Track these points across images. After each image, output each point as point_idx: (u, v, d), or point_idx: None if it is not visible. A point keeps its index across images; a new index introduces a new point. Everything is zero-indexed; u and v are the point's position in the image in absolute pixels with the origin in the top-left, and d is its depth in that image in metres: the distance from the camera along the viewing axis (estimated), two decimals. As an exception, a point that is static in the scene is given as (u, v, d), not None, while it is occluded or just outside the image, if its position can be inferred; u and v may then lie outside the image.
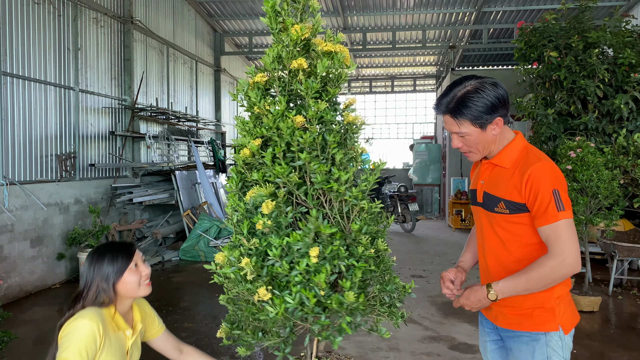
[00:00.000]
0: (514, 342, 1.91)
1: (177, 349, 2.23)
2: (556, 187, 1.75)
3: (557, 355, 1.83)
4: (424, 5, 11.53)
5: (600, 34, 6.66)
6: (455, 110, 1.83)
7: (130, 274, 1.93)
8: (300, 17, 1.96)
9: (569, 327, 1.87)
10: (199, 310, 5.49)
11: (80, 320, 1.80)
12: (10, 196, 5.76)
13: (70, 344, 1.76)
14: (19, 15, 6.05)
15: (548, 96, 7.28)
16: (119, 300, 1.95)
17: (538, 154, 1.87)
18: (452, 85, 1.88)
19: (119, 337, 1.93)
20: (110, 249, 1.97)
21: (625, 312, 5.50)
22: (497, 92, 1.82)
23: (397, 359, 4.12)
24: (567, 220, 1.74)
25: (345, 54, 1.88)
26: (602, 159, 5.57)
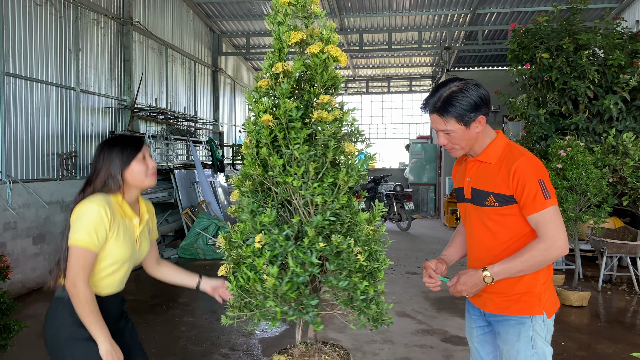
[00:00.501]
0: (501, 326, 2.04)
1: (156, 259, 2.36)
2: (541, 178, 1.90)
3: (540, 338, 1.97)
4: (419, 7, 11.68)
5: (591, 36, 6.81)
6: (441, 109, 1.97)
7: (137, 163, 2.04)
8: (304, 23, 2.07)
9: (551, 312, 2.02)
10: (198, 305, 5.62)
11: (89, 204, 1.91)
12: (13, 194, 5.88)
13: (81, 226, 1.88)
14: (21, 17, 6.17)
15: (540, 97, 7.43)
16: (126, 189, 2.06)
17: (521, 149, 2.01)
18: (438, 86, 2.03)
19: (127, 224, 2.04)
20: (121, 140, 2.08)
21: (613, 307, 5.65)
22: (479, 92, 1.96)
23: (390, 350, 4.27)
24: (554, 207, 1.91)
25: (333, 52, 1.95)
26: (591, 157, 5.73)
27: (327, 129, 1.88)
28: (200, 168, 9.64)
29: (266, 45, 14.43)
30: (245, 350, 4.31)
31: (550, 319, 2.01)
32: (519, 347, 1.97)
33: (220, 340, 4.52)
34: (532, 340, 1.96)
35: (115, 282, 2.07)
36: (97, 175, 2.02)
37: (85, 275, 1.91)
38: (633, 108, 6.83)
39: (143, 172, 2.06)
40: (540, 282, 1.99)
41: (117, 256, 1.99)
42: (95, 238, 1.90)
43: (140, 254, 2.15)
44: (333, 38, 1.98)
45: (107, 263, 1.99)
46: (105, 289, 2.04)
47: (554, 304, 2.05)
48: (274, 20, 2.02)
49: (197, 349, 4.33)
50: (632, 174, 6.03)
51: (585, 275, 6.95)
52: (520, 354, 1.96)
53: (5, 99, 5.88)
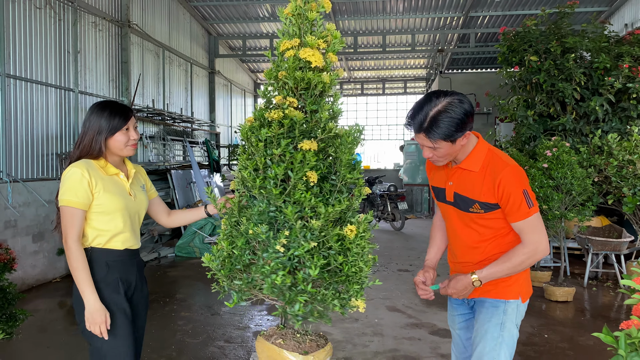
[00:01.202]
0: (479, 307, 2.22)
1: (166, 212, 2.56)
2: (525, 188, 2.04)
3: (510, 321, 2.13)
4: (413, 10, 11.87)
5: (577, 40, 7.01)
6: (428, 130, 2.02)
7: (121, 134, 2.22)
8: (310, 30, 2.26)
9: (526, 297, 2.19)
10: (195, 301, 5.77)
11: (71, 168, 2.14)
12: (14, 193, 6.01)
13: (65, 188, 2.13)
14: (21, 19, 6.31)
15: (529, 98, 7.62)
16: (108, 154, 2.24)
17: (503, 158, 2.12)
18: (423, 103, 2.06)
19: (114, 180, 2.24)
20: (111, 107, 2.25)
21: (598, 302, 5.83)
22: (463, 108, 2.01)
23: (380, 342, 4.43)
24: (537, 215, 2.06)
25: (302, 55, 2.11)
26: (576, 157, 5.91)
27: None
28: (196, 168, 9.79)
29: (262, 47, 14.60)
30: (240, 342, 4.47)
31: (524, 303, 2.18)
32: (488, 327, 2.13)
33: (216, 334, 4.67)
34: (501, 324, 2.12)
35: (124, 235, 2.24)
36: (84, 138, 2.21)
37: (74, 233, 2.10)
38: (618, 109, 7.02)
39: (123, 143, 2.24)
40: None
41: (109, 205, 2.18)
42: (75, 196, 2.11)
43: (138, 205, 2.33)
44: (316, 41, 2.16)
45: (104, 213, 2.18)
46: (118, 242, 2.22)
47: (529, 290, 2.22)
48: (280, 31, 2.24)
49: (194, 341, 4.48)
50: (616, 174, 6.22)
51: (572, 273, 7.13)
52: (487, 333, 2.12)
53: (7, 100, 6.02)
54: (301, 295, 2.12)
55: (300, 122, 2.15)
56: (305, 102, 2.20)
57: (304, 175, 2.11)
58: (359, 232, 2.12)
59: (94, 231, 2.20)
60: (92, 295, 2.11)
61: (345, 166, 2.21)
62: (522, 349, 4.29)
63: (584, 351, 4.26)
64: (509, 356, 2.12)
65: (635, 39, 7.17)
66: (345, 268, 2.11)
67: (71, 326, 4.93)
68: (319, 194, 2.16)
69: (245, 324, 4.99)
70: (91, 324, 2.11)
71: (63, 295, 6.02)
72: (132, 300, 2.31)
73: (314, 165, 2.09)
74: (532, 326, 4.86)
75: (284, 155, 2.12)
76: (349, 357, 4.11)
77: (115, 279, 2.22)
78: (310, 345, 2.40)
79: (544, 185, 5.71)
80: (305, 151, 2.12)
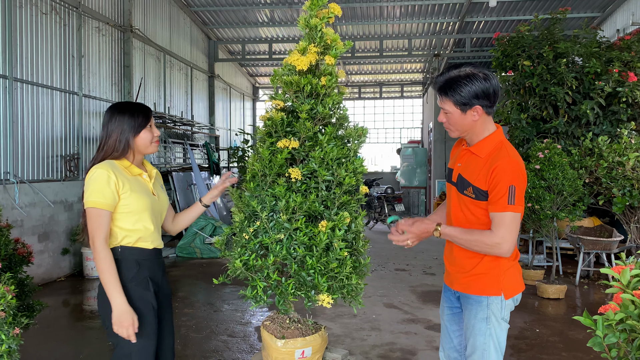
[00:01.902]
0: (465, 303, 2.31)
1: (172, 218, 2.56)
2: (514, 184, 2.04)
3: (495, 316, 2.20)
4: (409, 15, 12.07)
5: (569, 45, 7.21)
6: (442, 89, 2.13)
7: (146, 132, 2.27)
8: (321, 44, 2.50)
9: (510, 294, 2.21)
10: (197, 299, 5.92)
11: (96, 169, 2.15)
12: (20, 194, 6.17)
13: (91, 189, 2.13)
14: (28, 25, 6.48)
15: (523, 102, 7.81)
16: (132, 154, 2.28)
17: (510, 151, 2.13)
18: (451, 67, 2.17)
19: (138, 180, 2.27)
20: (131, 107, 2.29)
21: (589, 299, 6.01)
22: (484, 84, 2.07)
23: (378, 336, 4.59)
24: (514, 214, 2.05)
25: (290, 60, 2.39)
26: (567, 159, 6.10)
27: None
28: (197, 170, 9.95)
29: (261, 51, 14.78)
30: (242, 337, 4.63)
31: (508, 300, 2.21)
32: (474, 322, 2.23)
33: (219, 329, 4.83)
34: (487, 318, 2.20)
35: (152, 234, 2.26)
36: (109, 139, 2.23)
37: (101, 235, 2.10)
38: (609, 113, 7.22)
39: (149, 140, 2.29)
40: (501, 267, 2.20)
41: (136, 206, 2.20)
42: (103, 197, 2.11)
43: (161, 205, 2.37)
44: (311, 47, 2.43)
45: (132, 214, 2.19)
46: (147, 241, 2.24)
47: (514, 288, 2.23)
48: (300, 47, 2.49)
49: (198, 336, 4.63)
50: (606, 175, 6.41)
51: (565, 272, 7.31)
52: (475, 328, 2.22)
53: (14, 103, 6.18)
54: (262, 281, 2.36)
55: (278, 122, 2.41)
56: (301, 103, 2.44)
57: (283, 171, 2.37)
58: (339, 227, 2.29)
59: (123, 231, 2.19)
60: (119, 297, 2.08)
61: (337, 163, 2.39)
62: (515, 342, 4.47)
63: (573, 344, 4.44)
64: (500, 348, 2.22)
65: (625, 44, 7.38)
66: (308, 261, 2.29)
67: (76, 322, 5.08)
68: (300, 190, 2.38)
69: (247, 319, 5.14)
70: (119, 327, 2.07)
71: (68, 294, 6.16)
72: (158, 299, 2.30)
73: (282, 162, 2.34)
74: (524, 321, 5.04)
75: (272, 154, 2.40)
76: (348, 350, 4.26)
77: (145, 277, 2.23)
78: (291, 332, 2.58)
79: (537, 186, 5.89)
80: (282, 149, 2.36)
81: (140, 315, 2.15)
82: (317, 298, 2.36)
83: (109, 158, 2.22)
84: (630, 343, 1.63)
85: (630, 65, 7.08)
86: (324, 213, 2.42)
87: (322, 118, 2.52)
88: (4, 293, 2.03)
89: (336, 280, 2.38)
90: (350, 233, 2.44)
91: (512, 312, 2.30)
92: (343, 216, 2.35)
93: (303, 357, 2.50)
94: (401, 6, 11.49)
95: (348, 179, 2.38)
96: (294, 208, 2.33)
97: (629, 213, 6.68)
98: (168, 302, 2.41)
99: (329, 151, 2.37)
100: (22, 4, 6.35)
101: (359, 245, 2.48)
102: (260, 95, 18.74)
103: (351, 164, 2.45)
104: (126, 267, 2.18)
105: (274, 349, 2.51)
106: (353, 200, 2.48)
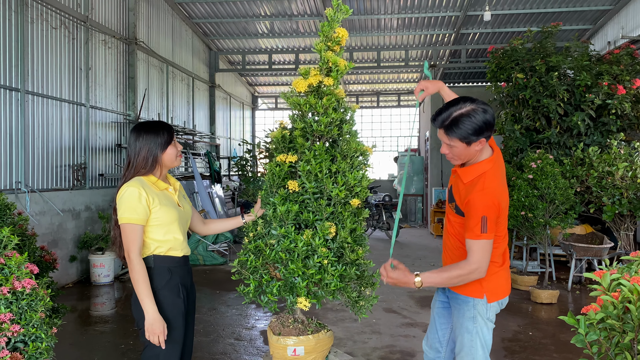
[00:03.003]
0: (453, 302, 2.53)
1: (202, 221, 2.79)
2: (485, 215, 2.20)
3: (481, 316, 2.41)
4: (406, 27, 12.37)
5: (560, 59, 7.49)
6: (448, 128, 2.28)
7: (171, 147, 2.47)
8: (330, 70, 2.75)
9: (493, 298, 2.38)
10: (202, 304, 6.12)
11: (127, 187, 2.34)
12: (31, 202, 6.37)
13: (124, 207, 2.32)
14: (39, 39, 6.71)
15: (516, 113, 8.08)
16: (159, 169, 2.47)
17: (487, 183, 2.28)
18: (450, 104, 2.32)
19: (165, 194, 2.47)
20: (156, 125, 2.48)
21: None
22: (485, 117, 2.24)
23: (378, 339, 4.81)
24: (486, 241, 2.23)
25: (296, 87, 2.71)
26: (559, 169, 6.35)
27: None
28: (199, 179, 10.16)
29: (261, 61, 15.05)
30: (249, 340, 4.83)
31: (491, 303, 2.39)
32: (462, 321, 2.44)
33: (225, 332, 5.03)
34: (473, 317, 2.41)
35: (181, 243, 2.47)
36: (138, 156, 2.41)
37: (136, 248, 2.30)
38: (599, 124, 7.49)
39: (175, 155, 2.50)
40: (485, 274, 2.38)
41: (165, 218, 2.40)
42: (136, 213, 2.31)
43: (186, 215, 2.57)
44: (312, 69, 2.71)
45: (162, 226, 2.39)
46: (177, 250, 2.44)
47: (497, 293, 2.40)
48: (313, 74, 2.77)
49: (205, 339, 4.84)
50: (596, 184, 6.67)
51: (558, 278, 7.54)
52: (463, 327, 2.43)
53: (26, 115, 6.40)
54: (255, 280, 2.64)
55: (279, 139, 2.69)
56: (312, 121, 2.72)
57: (285, 183, 2.64)
58: (319, 236, 2.52)
59: (154, 242, 2.39)
60: (152, 306, 2.28)
61: (328, 177, 2.62)
62: (508, 344, 4.69)
63: (564, 346, 4.66)
64: (485, 346, 2.42)
65: (614, 58, 7.66)
66: (291, 266, 2.52)
67: (87, 327, 5.27)
68: (297, 200, 2.63)
69: (252, 324, 5.35)
70: (151, 334, 2.27)
71: (76, 300, 6.35)
72: (186, 304, 2.49)
73: (283, 175, 2.65)
74: (518, 325, 5.26)
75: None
76: (350, 352, 4.47)
77: (176, 284, 2.42)
78: (289, 330, 2.79)
79: (529, 195, 6.13)
80: (279, 163, 2.64)
81: (171, 320, 2.36)
82: (295, 300, 2.57)
83: (138, 175, 2.42)
84: (609, 340, 1.84)
85: (619, 78, 7.36)
86: (315, 223, 2.64)
87: (320, 135, 2.75)
88: (44, 296, 2.24)
89: (321, 286, 2.59)
90: (336, 242, 2.61)
91: (506, 316, 2.51)
92: (325, 226, 2.56)
93: (295, 355, 2.68)
94: (398, 18, 11.78)
95: (337, 191, 2.57)
96: (280, 216, 2.58)
97: (619, 221, 6.93)
98: (193, 305, 2.62)
99: (315, 165, 2.59)
100: (33, 20, 6.59)
101: (349, 255, 2.63)
102: (260, 104, 19.00)
103: (342, 178, 2.64)
104: (159, 275, 2.39)
105: (271, 343, 2.76)
106: (344, 212, 2.64)
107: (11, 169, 6.23)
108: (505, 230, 2.41)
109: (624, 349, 1.74)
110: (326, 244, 2.56)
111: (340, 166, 2.64)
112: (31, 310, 2.13)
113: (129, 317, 5.59)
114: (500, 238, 2.38)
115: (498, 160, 2.42)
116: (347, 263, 2.64)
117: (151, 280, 2.36)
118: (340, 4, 2.82)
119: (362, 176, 2.69)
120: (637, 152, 6.80)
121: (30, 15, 6.54)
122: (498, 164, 2.41)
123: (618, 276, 1.85)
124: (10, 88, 6.18)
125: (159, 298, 2.36)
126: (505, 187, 2.40)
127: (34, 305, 2.15)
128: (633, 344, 1.71)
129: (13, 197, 6.09)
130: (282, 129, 2.80)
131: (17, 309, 2.10)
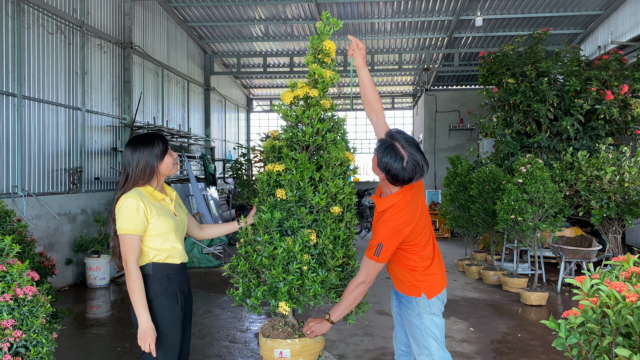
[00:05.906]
0: (401, 302, 2.74)
1: (198, 226, 2.89)
2: (382, 242, 2.49)
3: (426, 312, 2.62)
4: (400, 31, 12.49)
5: (550, 64, 7.62)
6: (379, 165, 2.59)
7: (168, 157, 2.58)
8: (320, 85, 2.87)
9: (431, 294, 2.63)
10: (197, 306, 6.19)
11: (126, 198, 2.43)
12: (28, 206, 6.43)
13: (123, 217, 2.41)
14: (35, 45, 6.78)
15: (507, 117, 8.20)
16: (157, 178, 2.56)
17: (392, 215, 2.53)
18: (386, 150, 2.55)
19: (162, 204, 2.55)
20: (150, 137, 2.56)
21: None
22: (399, 169, 2.45)
23: (370, 341, 4.90)
24: (377, 264, 2.53)
25: (283, 98, 2.83)
26: (548, 173, 6.46)
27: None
28: (194, 182, 10.24)
29: (255, 64, 15.13)
30: (244, 342, 4.91)
31: (431, 299, 2.62)
32: (410, 318, 2.66)
33: (220, 335, 5.11)
34: (419, 314, 2.63)
35: (179, 251, 2.56)
36: (137, 168, 2.50)
37: (133, 257, 2.38)
38: (588, 129, 7.62)
39: (171, 163, 2.60)
40: (416, 277, 2.62)
41: (163, 228, 2.48)
42: (133, 224, 2.40)
43: (183, 223, 2.66)
44: (301, 82, 2.83)
45: (160, 235, 2.48)
46: (175, 257, 2.53)
47: (434, 289, 2.65)
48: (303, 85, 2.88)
49: (201, 342, 4.92)
50: (585, 188, 6.79)
51: (548, 280, 7.67)
52: (412, 324, 2.66)
53: (22, 120, 6.46)
54: (245, 284, 2.80)
55: (269, 149, 2.82)
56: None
57: (272, 191, 2.75)
58: (299, 243, 2.62)
59: (153, 250, 2.47)
60: (145, 315, 2.36)
61: (310, 185, 2.73)
62: (497, 346, 4.80)
63: (552, 348, 4.76)
64: (437, 339, 2.62)
65: (603, 63, 7.80)
66: (273, 272, 2.62)
67: (84, 330, 5.34)
68: (285, 208, 2.73)
69: (247, 327, 5.43)
70: (142, 342, 2.35)
71: (72, 303, 6.41)
72: (184, 310, 2.57)
73: (271, 183, 2.78)
74: (507, 327, 5.37)
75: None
76: (342, 354, 4.57)
77: (174, 290, 2.50)
78: (277, 333, 2.89)
79: (519, 199, 6.24)
80: (269, 172, 2.75)
81: (169, 326, 2.46)
82: (276, 304, 2.68)
83: (136, 186, 2.51)
84: (589, 343, 1.94)
85: (608, 84, 7.49)
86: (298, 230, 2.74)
87: (307, 145, 2.84)
88: (44, 302, 2.33)
89: (302, 292, 2.70)
90: (317, 249, 2.71)
91: (496, 318, 2.68)
92: (305, 233, 2.66)
93: (282, 357, 2.79)
94: (392, 22, 11.90)
95: (317, 199, 2.67)
96: (265, 223, 2.68)
97: (607, 224, 7.06)
98: (190, 310, 2.71)
99: (296, 174, 2.68)
100: (29, 25, 6.65)
101: (329, 262, 2.72)
102: (255, 106, 19.07)
103: (324, 187, 2.72)
104: (158, 282, 2.47)
105: (261, 345, 2.88)
106: (326, 219, 2.74)
107: (8, 173, 6.29)
108: (426, 239, 2.64)
109: (603, 351, 1.82)
110: (308, 251, 2.67)
111: (324, 174, 2.74)
112: (32, 317, 2.22)
113: (125, 319, 5.66)
114: (421, 247, 2.62)
115: (407, 191, 2.60)
116: (330, 269, 2.74)
117: (150, 287, 2.45)
118: (329, 17, 2.91)
119: (345, 183, 2.79)
120: (625, 156, 6.93)
121: (27, 20, 6.60)
122: (408, 192, 2.60)
123: (598, 282, 1.95)
124: (7, 93, 6.24)
125: (157, 304, 2.44)
126: (416, 208, 2.60)
127: (35, 312, 2.24)
128: (611, 347, 1.80)
129: (10, 201, 6.15)
130: (273, 139, 2.90)
131: (19, 315, 2.19)
